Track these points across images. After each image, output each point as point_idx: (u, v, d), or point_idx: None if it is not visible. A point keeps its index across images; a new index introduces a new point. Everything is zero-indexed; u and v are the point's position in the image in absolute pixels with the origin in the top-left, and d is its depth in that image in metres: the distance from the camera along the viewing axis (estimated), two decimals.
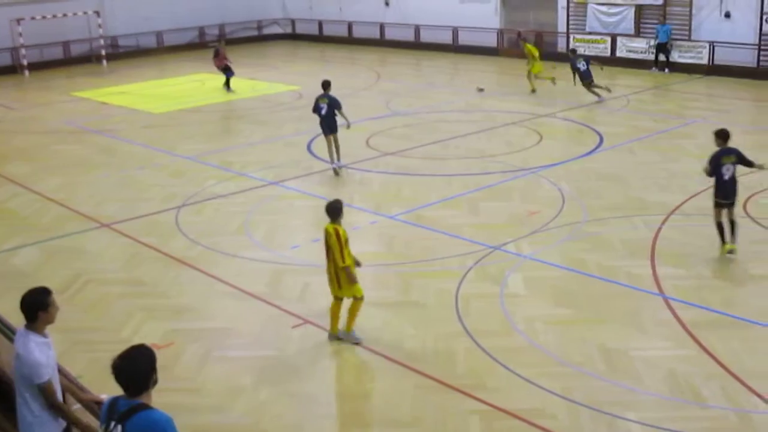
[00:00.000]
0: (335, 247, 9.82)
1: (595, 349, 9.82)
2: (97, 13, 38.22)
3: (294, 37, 44.79)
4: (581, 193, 15.73)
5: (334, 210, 10.04)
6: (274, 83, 30.48)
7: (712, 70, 28.47)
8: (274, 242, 13.98)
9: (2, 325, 8.77)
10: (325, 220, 10.18)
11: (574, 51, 25.83)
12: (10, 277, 13.02)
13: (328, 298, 10.62)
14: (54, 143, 22.43)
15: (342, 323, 10.30)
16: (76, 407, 7.34)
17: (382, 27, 39.95)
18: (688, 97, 25.33)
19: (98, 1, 39.18)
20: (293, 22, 45.15)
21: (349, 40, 41.13)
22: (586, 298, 11.33)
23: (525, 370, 9.36)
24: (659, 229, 13.70)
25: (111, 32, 39.28)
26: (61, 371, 7.40)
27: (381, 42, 39.74)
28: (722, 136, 12.31)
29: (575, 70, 24.31)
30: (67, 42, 38.16)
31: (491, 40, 35.54)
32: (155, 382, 5.04)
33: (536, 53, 26.25)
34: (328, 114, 17.45)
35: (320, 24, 43.24)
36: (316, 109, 17.67)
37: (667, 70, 29.44)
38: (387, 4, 40.08)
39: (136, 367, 4.95)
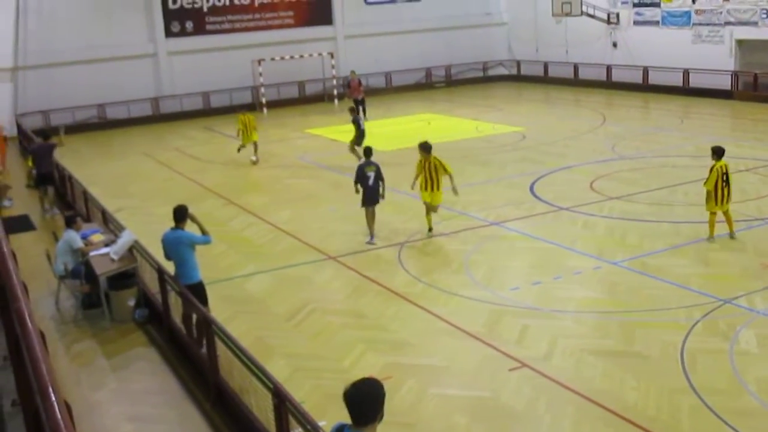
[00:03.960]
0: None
1: None
2: (331, 55, 40.16)
3: (519, 78, 44.89)
4: None
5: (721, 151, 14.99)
6: (498, 124, 30.63)
7: None
8: (493, 282, 13.99)
9: (238, 349, 9.31)
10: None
11: (354, 110, 25.37)
12: (243, 301, 13.87)
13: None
14: (287, 177, 23.72)
15: None
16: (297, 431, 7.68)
17: (608, 69, 39.20)
18: None
19: (333, 44, 41.24)
20: (518, 63, 45.30)
21: (575, 82, 40.68)
22: None
23: None
24: None
25: (343, 73, 41.10)
26: (287, 396, 7.76)
27: (607, 84, 38.98)
28: None
29: (357, 125, 24.09)
30: (302, 82, 40.35)
31: (725, 83, 33.91)
32: (381, 417, 5.14)
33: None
34: (375, 184, 16.33)
35: (545, 66, 43.09)
36: (362, 179, 16.34)
37: None
38: (615, 45, 39.37)
39: (368, 399, 5.06)
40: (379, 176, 16.33)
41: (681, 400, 9.64)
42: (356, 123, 24.54)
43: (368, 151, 16.76)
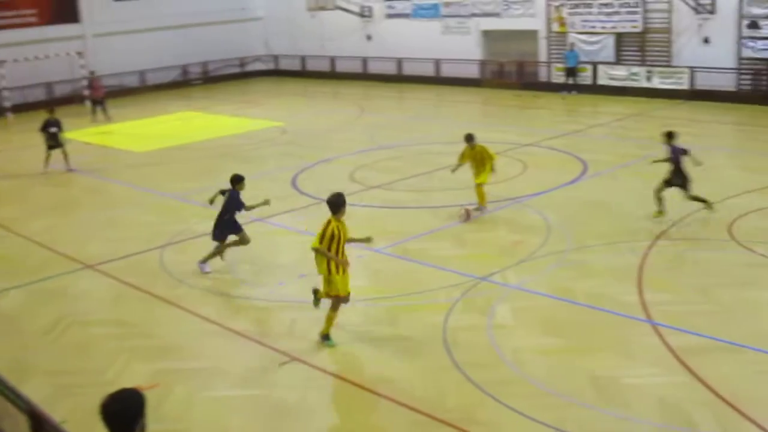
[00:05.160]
0: None
1: (585, 378, 9.75)
2: (80, 54, 38.25)
3: (277, 73, 44.99)
4: (566, 221, 15.73)
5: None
6: (258, 120, 30.51)
7: (693, 95, 28.76)
8: (258, 279, 13.89)
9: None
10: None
11: (51, 110, 24.72)
12: None
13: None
14: (39, 185, 22.35)
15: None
16: None
17: (364, 61, 40.14)
18: (671, 122, 25.39)
19: (81, 43, 39.26)
20: (276, 58, 45.37)
21: (332, 75, 41.31)
22: (574, 326, 11.28)
23: (516, 401, 9.25)
24: (645, 255, 13.69)
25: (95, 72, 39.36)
26: (44, 418, 7.27)
27: (364, 76, 39.90)
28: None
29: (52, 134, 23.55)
30: (50, 83, 38.16)
31: (474, 71, 35.75)
32: (143, 428, 4.91)
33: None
34: (220, 213, 14.19)
35: (303, 59, 43.43)
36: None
37: (574, 92, 31.68)
38: (369, 38, 40.32)
39: (124, 410, 4.83)
40: (227, 207, 13.99)
41: (446, 377, 10.00)
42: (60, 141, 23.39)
43: (233, 180, 14.13)
